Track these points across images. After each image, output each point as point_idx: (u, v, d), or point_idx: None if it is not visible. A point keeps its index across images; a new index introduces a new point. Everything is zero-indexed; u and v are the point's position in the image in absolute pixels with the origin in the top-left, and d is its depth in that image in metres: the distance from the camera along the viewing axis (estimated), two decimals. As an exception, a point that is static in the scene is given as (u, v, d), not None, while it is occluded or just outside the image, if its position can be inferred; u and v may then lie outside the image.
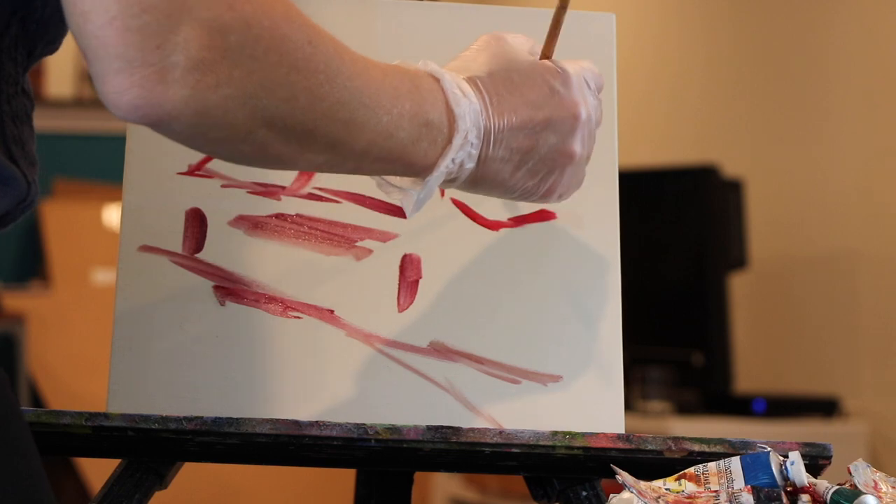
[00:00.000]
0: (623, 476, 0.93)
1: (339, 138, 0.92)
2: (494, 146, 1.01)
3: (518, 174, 1.04)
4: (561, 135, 1.04)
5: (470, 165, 1.00)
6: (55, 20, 0.95)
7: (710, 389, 3.61)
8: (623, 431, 1.14)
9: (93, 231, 4.66)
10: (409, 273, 1.20)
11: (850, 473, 0.96)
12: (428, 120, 0.97)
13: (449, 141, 0.98)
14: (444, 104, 0.98)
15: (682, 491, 0.93)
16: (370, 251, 1.20)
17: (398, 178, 1.02)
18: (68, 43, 0.98)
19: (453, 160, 0.98)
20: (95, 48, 0.82)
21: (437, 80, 0.98)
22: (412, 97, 0.96)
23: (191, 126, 0.85)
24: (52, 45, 0.97)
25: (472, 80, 1.01)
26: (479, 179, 1.03)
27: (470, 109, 0.99)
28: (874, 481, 0.96)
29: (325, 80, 0.89)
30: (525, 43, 1.07)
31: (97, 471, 3.91)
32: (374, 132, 0.93)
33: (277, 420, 1.09)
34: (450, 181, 1.02)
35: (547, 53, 1.07)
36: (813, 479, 0.93)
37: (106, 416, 1.09)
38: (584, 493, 1.12)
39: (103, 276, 4.52)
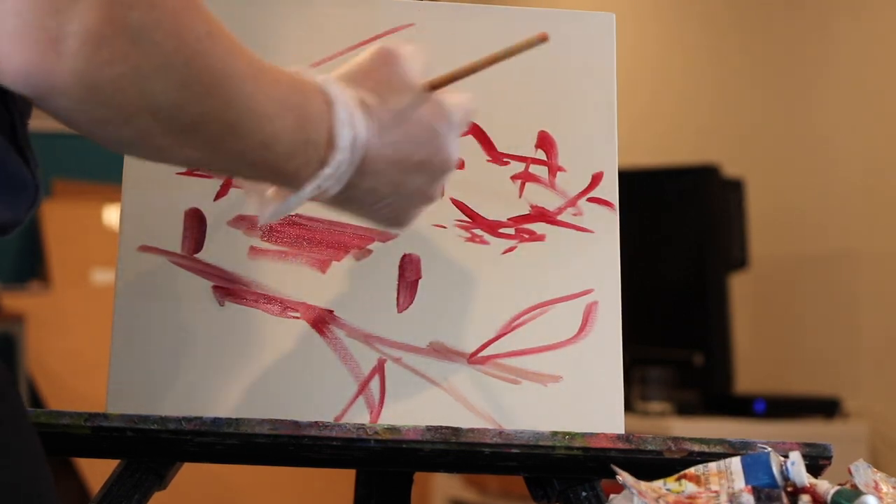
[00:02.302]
0: (623, 476, 0.93)
1: (219, 138, 0.89)
2: (365, 176, 0.98)
3: (379, 205, 1.02)
4: (428, 178, 1.02)
5: (335, 189, 0.97)
6: None
7: (711, 390, 3.61)
8: (623, 432, 1.14)
9: (92, 231, 4.66)
10: (408, 273, 1.20)
11: (851, 474, 0.96)
12: (308, 139, 0.94)
13: (322, 165, 0.95)
14: (328, 129, 0.95)
15: (683, 491, 0.93)
16: (370, 251, 1.20)
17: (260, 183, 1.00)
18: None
19: (319, 185, 0.96)
20: None
21: (330, 104, 0.95)
22: (298, 112, 0.93)
23: (77, 102, 0.82)
24: None
25: (365, 107, 0.97)
26: (341, 201, 1.00)
27: (352, 140, 0.96)
28: (875, 482, 0.96)
29: (219, 77, 0.87)
30: (418, 60, 1.03)
31: (97, 471, 3.91)
32: (253, 139, 0.91)
33: (277, 420, 1.09)
34: (314, 196, 0.99)
35: (440, 84, 1.02)
36: (813, 480, 0.93)
37: (105, 416, 1.09)
38: (584, 494, 1.12)
39: (103, 276, 4.51)
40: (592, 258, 1.21)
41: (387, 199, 1.01)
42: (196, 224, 1.19)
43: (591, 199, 1.23)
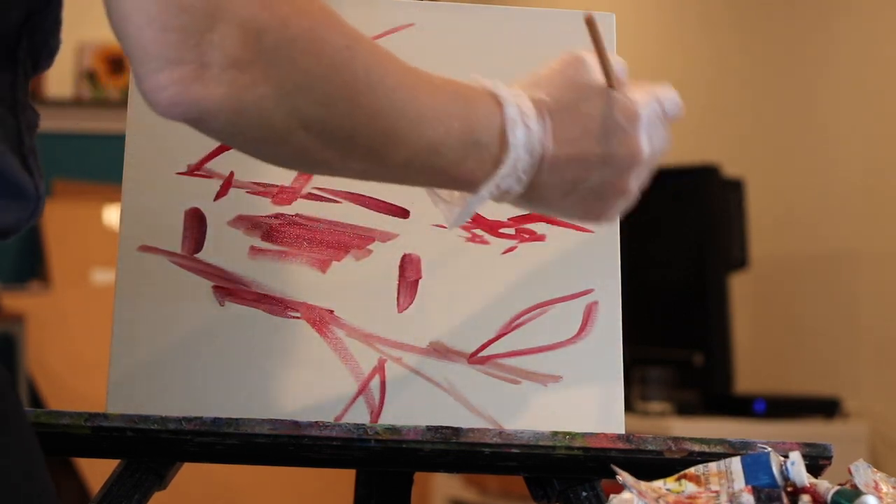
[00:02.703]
0: (623, 476, 0.93)
1: (378, 148, 0.92)
2: (546, 173, 0.99)
3: (567, 200, 1.02)
4: (617, 171, 1.02)
5: (517, 188, 0.99)
6: (55, 33, 0.96)
7: (711, 390, 3.61)
8: (623, 432, 1.14)
9: (93, 231, 4.66)
10: (408, 273, 1.20)
11: (851, 474, 0.96)
12: (477, 140, 0.96)
13: (497, 165, 0.97)
14: (499, 129, 0.96)
15: (683, 491, 0.93)
16: (370, 251, 1.20)
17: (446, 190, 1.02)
18: (67, 43, 0.98)
19: (498, 185, 0.98)
20: (135, 48, 0.84)
21: (500, 105, 0.97)
22: (463, 117, 0.95)
23: (228, 124, 0.87)
24: (50, 60, 0.98)
25: (539, 104, 0.99)
26: (526, 200, 1.02)
27: (526, 137, 0.97)
28: (875, 482, 0.96)
29: (366, 87, 0.89)
30: (617, 65, 1.04)
31: (97, 471, 3.91)
32: (416, 146, 0.93)
33: (277, 420, 1.09)
34: (496, 198, 1.01)
35: (611, 82, 1.03)
36: (813, 480, 0.93)
37: (105, 416, 1.09)
38: (584, 494, 1.12)
39: (103, 276, 4.52)
40: (592, 258, 1.21)
41: (573, 195, 1.02)
42: (196, 224, 1.19)
43: (591, 199, 1.23)
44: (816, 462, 1.10)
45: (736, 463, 0.93)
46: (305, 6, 0.87)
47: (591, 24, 1.01)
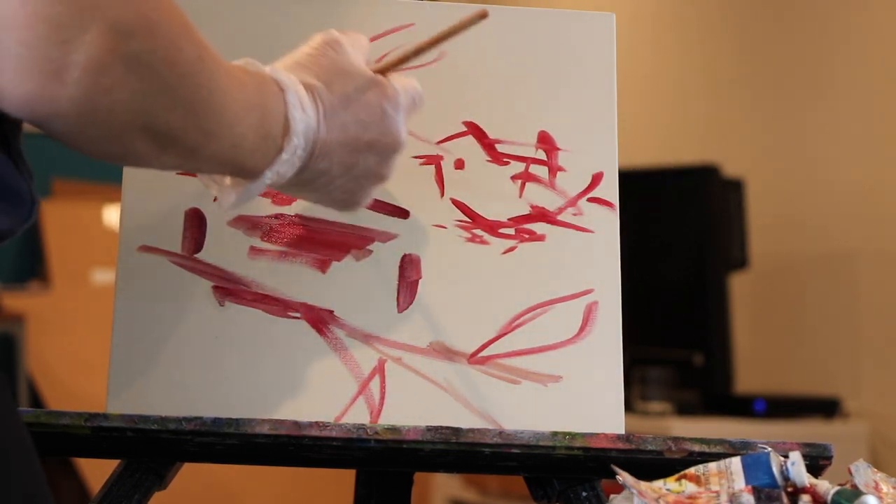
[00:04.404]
0: (623, 476, 0.93)
1: (196, 146, 0.93)
2: (318, 158, 1.02)
3: (331, 186, 1.05)
4: (380, 158, 1.06)
5: (290, 174, 1.01)
6: None
7: (711, 390, 3.61)
8: (623, 432, 1.14)
9: (92, 231, 4.66)
10: (409, 273, 1.20)
11: (851, 474, 0.96)
12: (267, 133, 0.97)
13: (279, 152, 0.99)
14: (283, 117, 0.98)
15: (683, 491, 0.93)
16: (370, 251, 1.20)
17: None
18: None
19: (277, 171, 0.99)
20: None
21: (282, 91, 0.99)
22: (260, 110, 0.97)
23: (73, 126, 0.85)
24: None
25: (311, 90, 1.01)
26: (295, 185, 1.04)
27: (305, 125, 0.99)
28: (875, 482, 0.96)
29: (207, 94, 0.91)
30: (363, 47, 1.08)
31: (97, 471, 3.91)
32: (224, 142, 0.94)
33: (277, 420, 1.09)
34: (271, 183, 1.02)
35: (390, 69, 1.07)
36: (813, 480, 0.93)
37: (105, 416, 1.09)
38: (584, 494, 1.12)
39: (103, 276, 4.51)
40: (592, 258, 1.21)
41: (339, 181, 1.05)
42: (196, 224, 1.19)
43: (591, 199, 1.23)
44: (816, 462, 1.10)
45: (736, 463, 0.93)
46: (170, 15, 0.87)
47: (482, 16, 1.07)
